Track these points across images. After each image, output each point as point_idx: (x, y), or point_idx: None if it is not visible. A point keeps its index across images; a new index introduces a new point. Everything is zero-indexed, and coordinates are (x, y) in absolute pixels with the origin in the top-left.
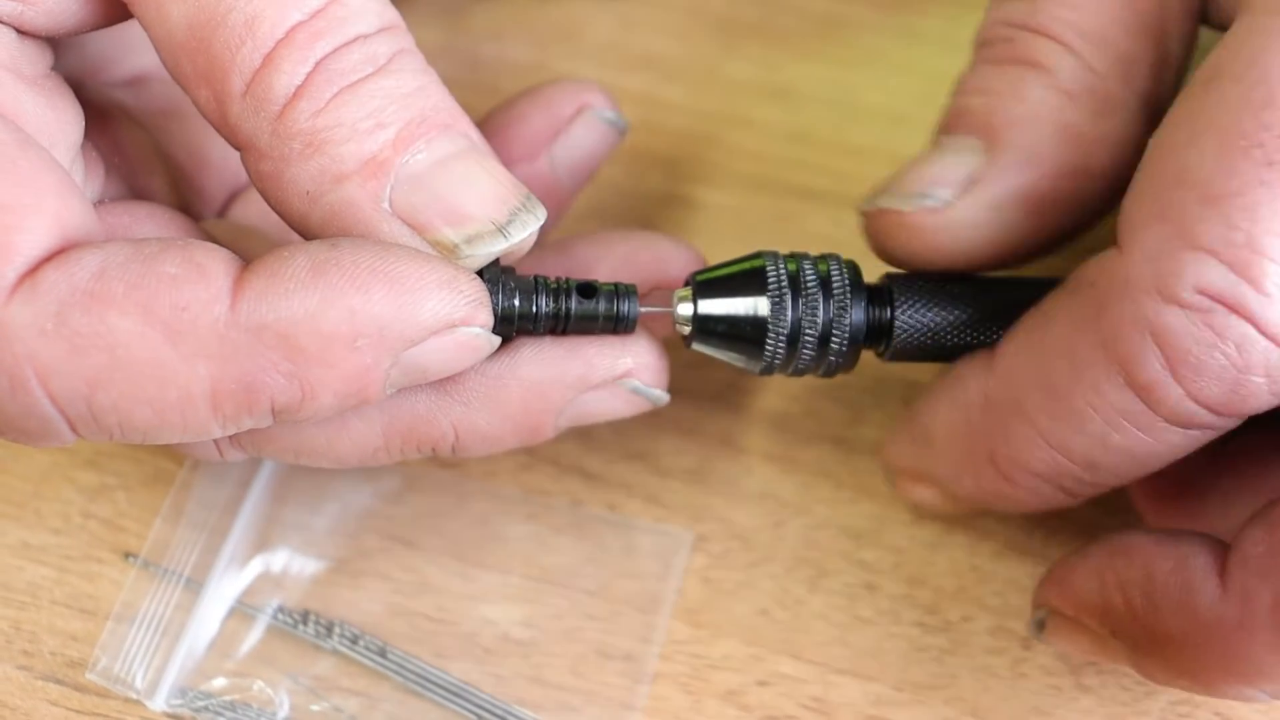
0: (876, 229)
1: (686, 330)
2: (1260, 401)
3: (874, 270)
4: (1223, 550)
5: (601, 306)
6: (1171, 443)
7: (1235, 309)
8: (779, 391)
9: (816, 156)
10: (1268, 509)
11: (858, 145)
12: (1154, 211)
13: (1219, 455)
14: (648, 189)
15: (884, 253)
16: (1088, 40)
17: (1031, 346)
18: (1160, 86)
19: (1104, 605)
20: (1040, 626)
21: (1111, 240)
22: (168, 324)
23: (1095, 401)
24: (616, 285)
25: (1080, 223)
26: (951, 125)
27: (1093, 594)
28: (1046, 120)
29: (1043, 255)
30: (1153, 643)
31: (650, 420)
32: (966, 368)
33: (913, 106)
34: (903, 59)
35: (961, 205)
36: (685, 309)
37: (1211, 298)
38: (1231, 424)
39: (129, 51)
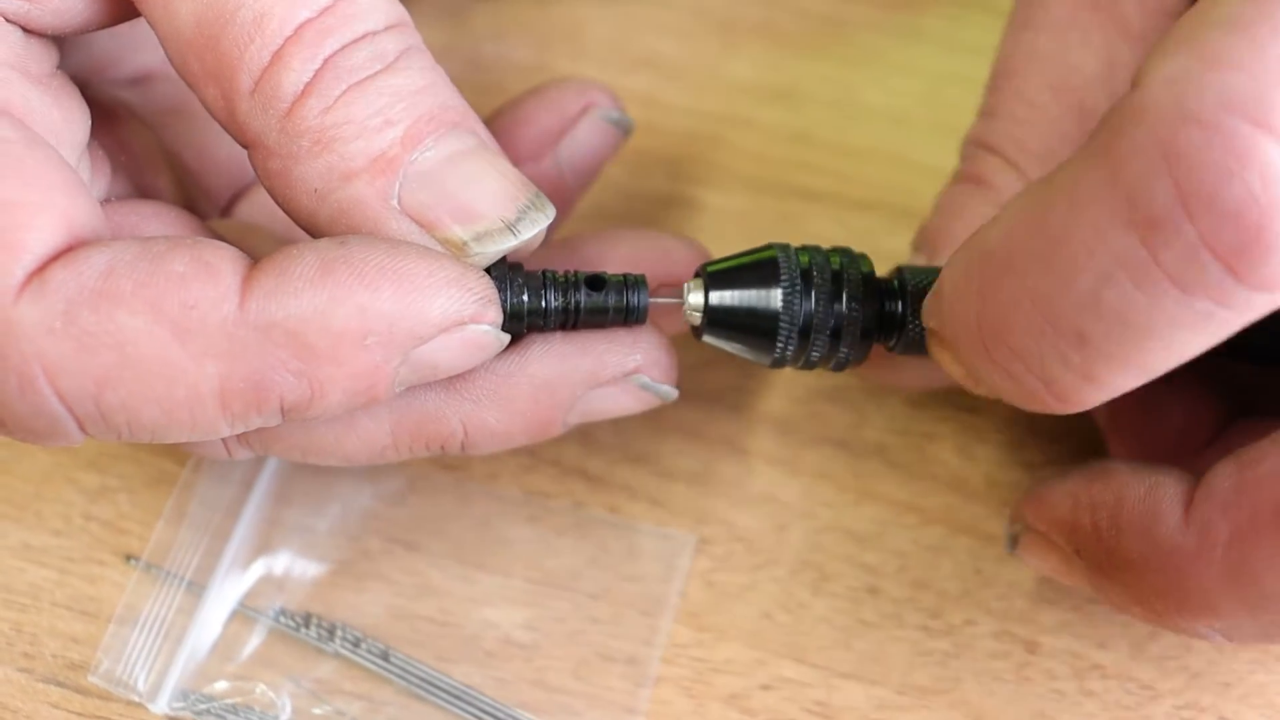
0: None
1: (697, 321)
2: None
3: (883, 265)
4: (1195, 485)
5: (611, 299)
6: (1171, 316)
7: (1263, 125)
8: (782, 394)
9: (818, 157)
10: (1242, 449)
11: (859, 146)
12: (1175, 45)
13: (1199, 425)
14: (650, 190)
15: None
16: (1030, 156)
17: (1038, 191)
18: None
19: (1073, 523)
20: (1014, 541)
21: None
22: (176, 322)
23: (1092, 243)
24: (625, 276)
25: None
26: (916, 243)
27: (1064, 512)
28: None
29: None
30: (1113, 565)
31: (653, 422)
32: (986, 225)
33: (914, 107)
34: (904, 59)
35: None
36: (696, 300)
37: (1236, 113)
38: (1240, 313)
39: (135, 50)
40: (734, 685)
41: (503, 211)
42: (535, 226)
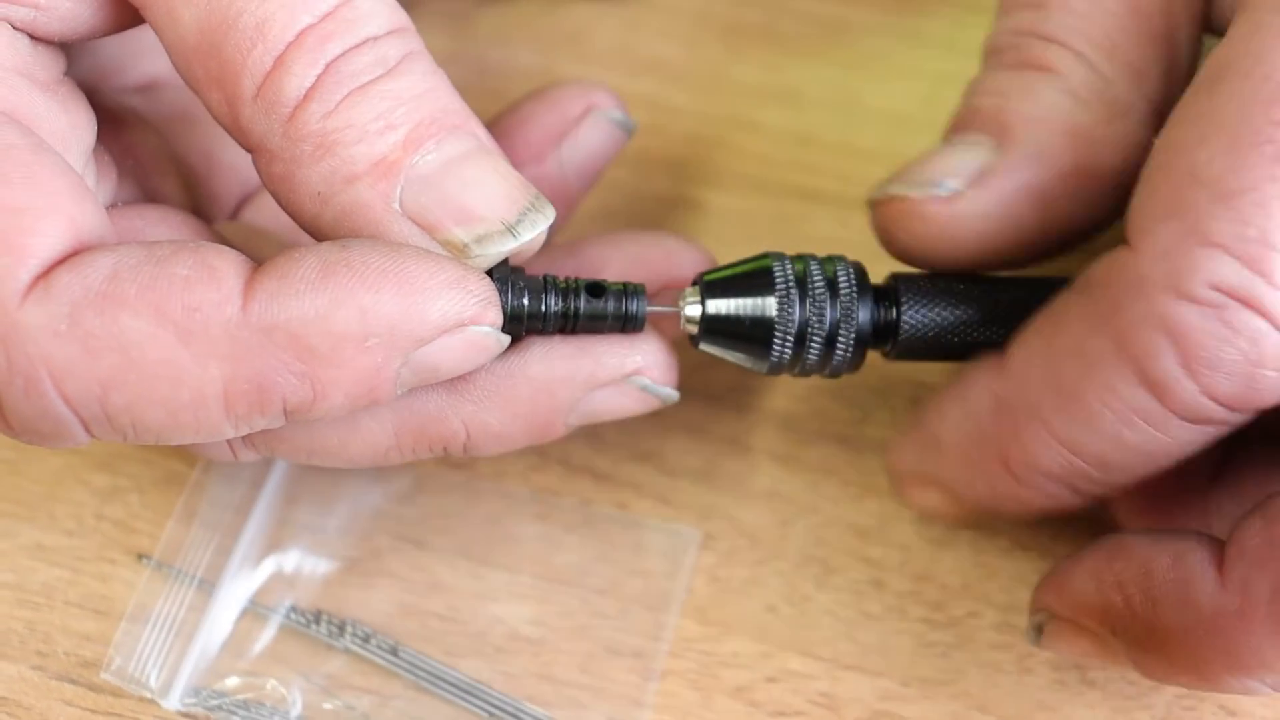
0: (884, 217)
1: (694, 330)
2: (1274, 395)
3: (879, 273)
4: (1218, 545)
5: (610, 305)
6: (1184, 439)
7: (1249, 304)
8: (785, 392)
9: (821, 159)
10: (1265, 502)
11: (862, 147)
12: (1165, 209)
13: (1202, 462)
14: (654, 191)
15: (891, 243)
16: (1097, 47)
17: (1042, 347)
18: (1168, 92)
19: (1103, 605)
20: (1038, 631)
21: (1120, 241)
22: (180, 325)
23: (1109, 400)
24: (625, 285)
25: (1087, 225)
26: (963, 124)
27: (1091, 595)
28: (1058, 120)
29: (1047, 257)
30: (1153, 639)
31: (658, 421)
32: (975, 371)
33: (917, 109)
34: (907, 62)
35: (971, 196)
36: (693, 309)
37: (1225, 293)
38: (1243, 419)
39: (141, 58)
40: (740, 678)
41: (503, 214)
42: (535, 228)
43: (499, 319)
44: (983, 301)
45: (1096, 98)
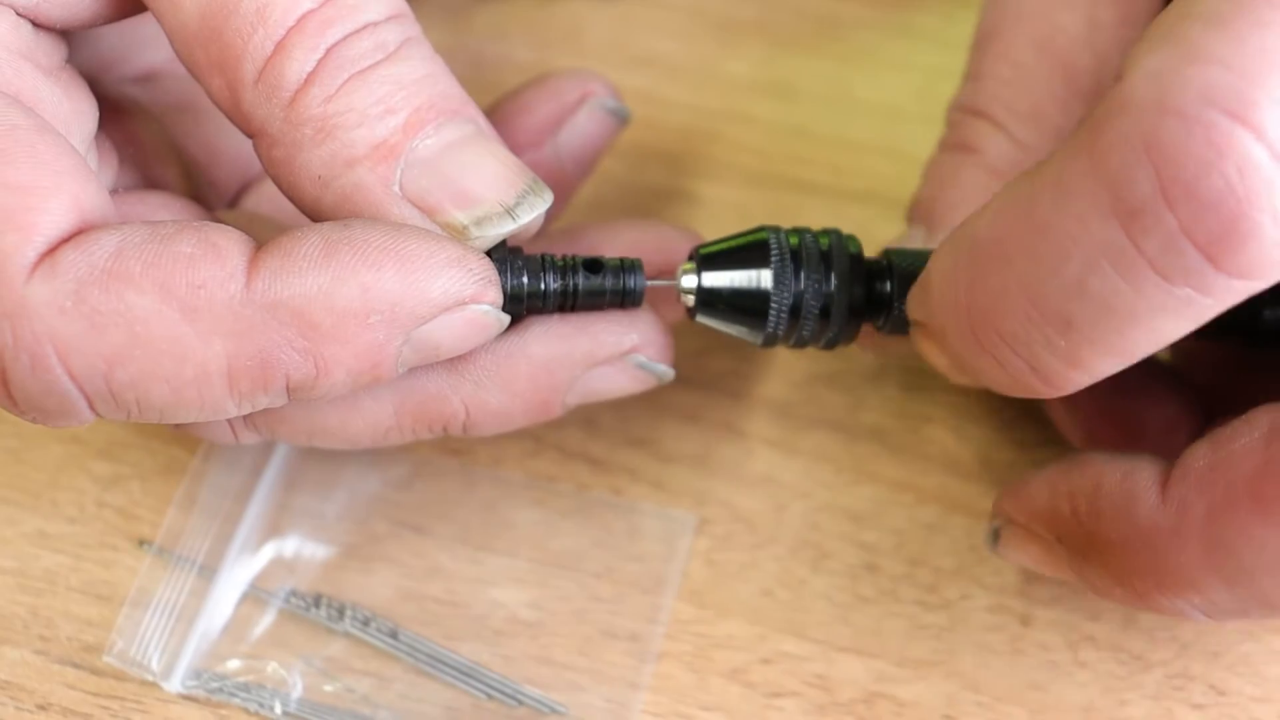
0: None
1: (691, 302)
2: (1259, 255)
3: (873, 247)
4: (1169, 468)
5: (608, 281)
6: (1153, 302)
7: (1241, 119)
8: (780, 378)
9: (815, 151)
10: (1216, 429)
11: (855, 140)
12: (1157, 40)
13: (1175, 419)
14: (649, 184)
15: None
16: (1018, 118)
17: (1024, 183)
18: None
19: (1052, 512)
20: (995, 537)
21: None
22: (184, 301)
23: (1077, 233)
24: (622, 260)
25: None
26: (910, 214)
27: (1043, 502)
28: (974, 201)
29: None
30: (1093, 549)
31: (654, 407)
32: (974, 213)
33: (909, 102)
34: (899, 55)
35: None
36: (689, 281)
37: (1217, 107)
38: (1219, 299)
39: (142, 48)
40: (735, 660)
41: (502, 196)
42: (533, 211)
43: (499, 298)
44: None
45: (1014, 170)
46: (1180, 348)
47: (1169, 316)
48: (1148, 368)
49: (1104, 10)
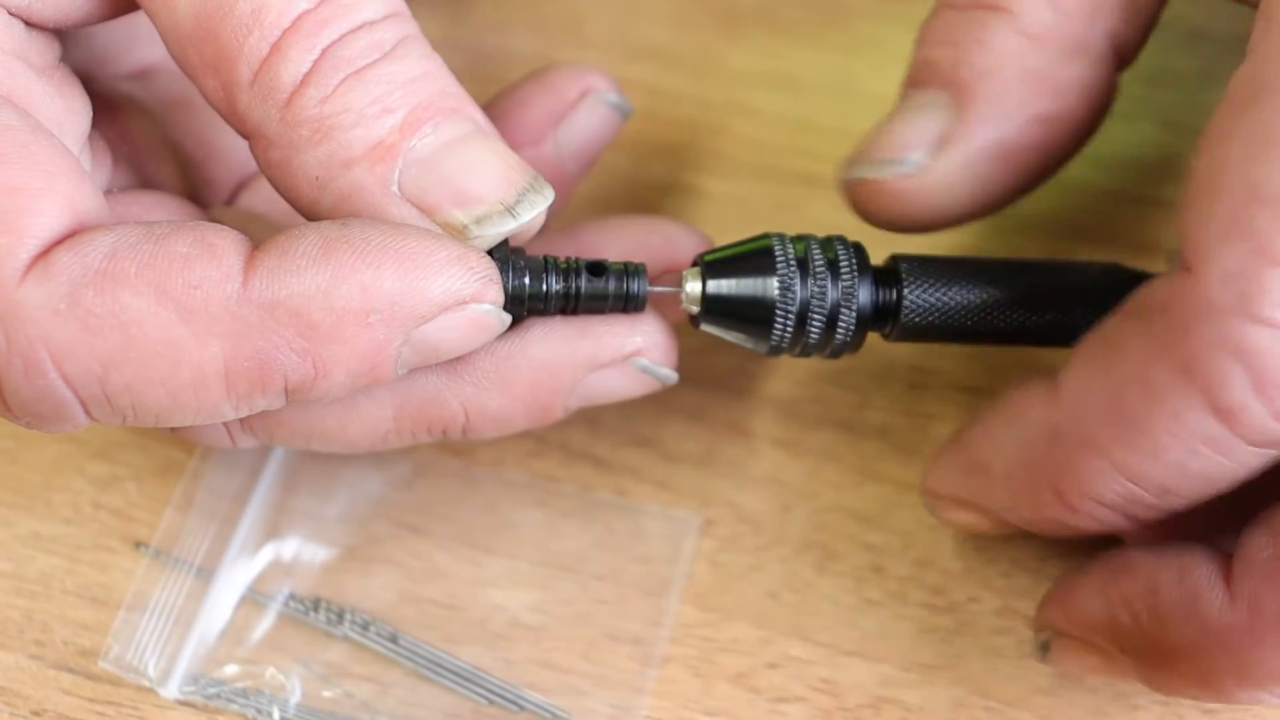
0: (855, 197)
1: (695, 310)
2: None
3: (878, 255)
4: (1222, 559)
5: (611, 285)
6: (1249, 464)
7: None
8: (785, 377)
9: (819, 144)
10: (1271, 513)
11: (860, 132)
12: (1226, 230)
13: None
14: (652, 177)
15: (865, 217)
16: None
17: (1100, 375)
18: (1127, 25)
19: (1110, 623)
20: (1045, 648)
21: (1173, 261)
22: (180, 302)
23: (1175, 429)
24: (626, 264)
25: (1052, 167)
26: (919, 79)
27: (1098, 612)
28: (1013, 68)
29: (1015, 201)
30: (1161, 656)
31: (657, 406)
32: (1025, 397)
33: None
34: (904, 46)
35: (936, 167)
36: (694, 288)
37: None
38: None
39: (136, 44)
40: (740, 664)
41: (501, 195)
42: (534, 209)
43: (500, 297)
44: (983, 284)
45: (1052, 37)
46: None
47: (1257, 467)
48: None
49: None
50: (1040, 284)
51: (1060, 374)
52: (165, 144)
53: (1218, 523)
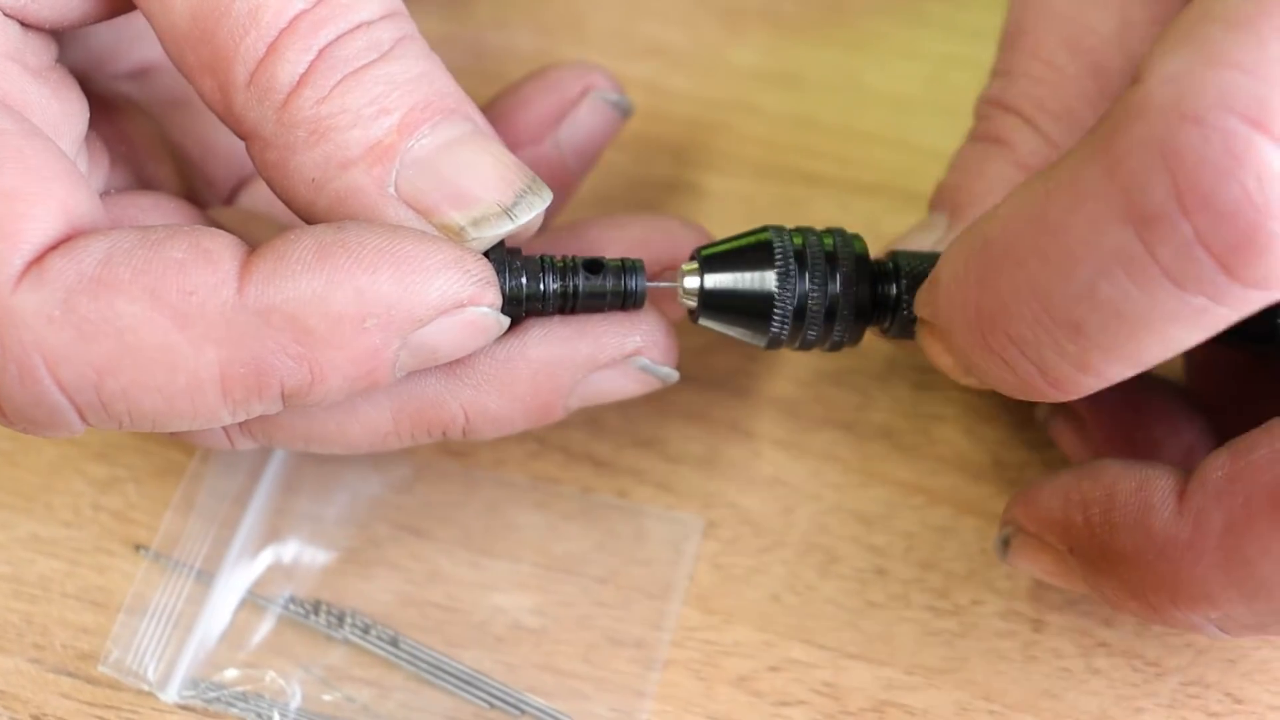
0: None
1: (693, 305)
2: (1276, 264)
3: (878, 248)
4: (1186, 478)
5: (609, 283)
6: (1165, 310)
7: (1261, 126)
8: (788, 377)
9: (822, 142)
10: (1235, 439)
11: (863, 130)
12: (1176, 41)
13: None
14: (655, 176)
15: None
16: (1049, 115)
17: (1038, 183)
18: None
19: (1065, 522)
20: (1005, 544)
21: None
22: (175, 308)
23: (1090, 237)
24: (623, 261)
25: None
26: (933, 202)
27: (1056, 511)
28: (1001, 193)
29: None
30: (1107, 560)
31: (659, 406)
32: (985, 214)
33: (919, 90)
34: (907, 43)
35: None
36: (692, 283)
37: (1237, 114)
38: (1234, 308)
39: (134, 44)
40: (743, 667)
41: (499, 196)
42: (532, 211)
43: (498, 300)
44: None
45: (1044, 166)
46: (1193, 358)
47: (1182, 324)
48: (1162, 390)
49: (1136, 9)
50: None
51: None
52: (163, 144)
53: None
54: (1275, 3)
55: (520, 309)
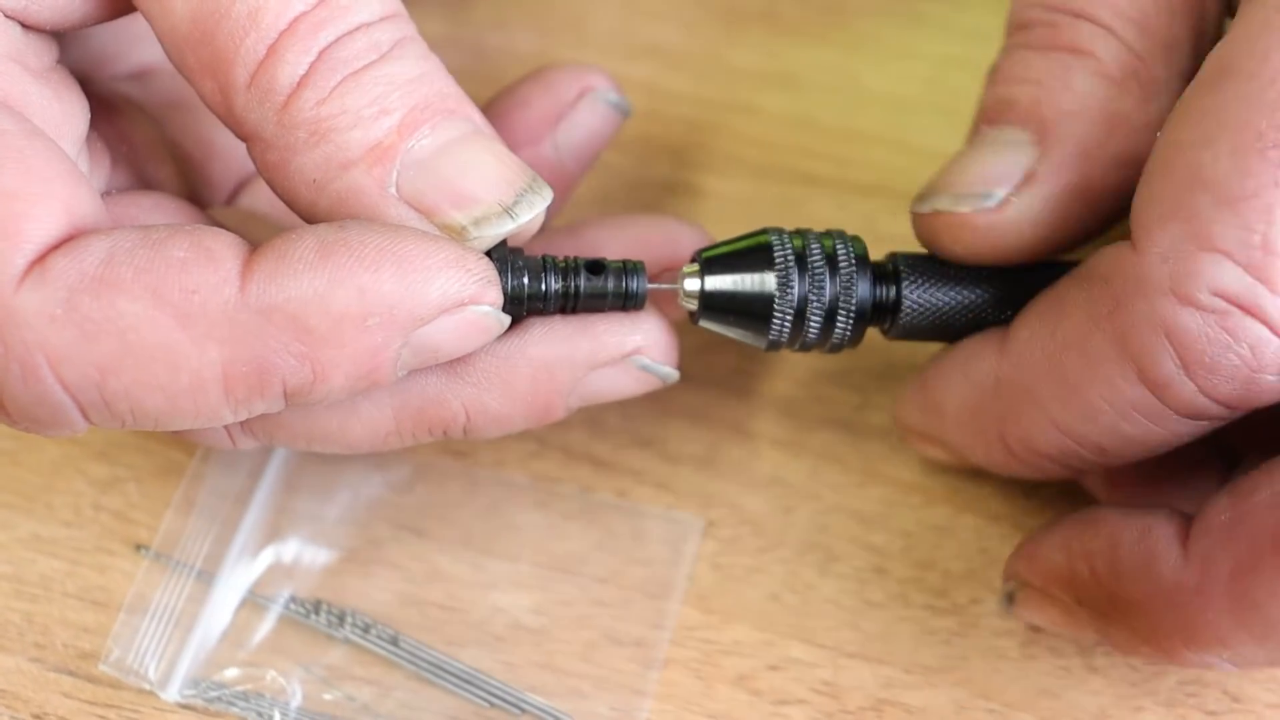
0: (931, 229)
1: (693, 306)
2: (1272, 396)
3: (876, 253)
4: (1187, 522)
5: (610, 283)
6: (1180, 432)
7: (1250, 311)
8: (787, 377)
9: (821, 143)
10: (1236, 481)
11: (862, 130)
12: (1168, 211)
13: (1197, 472)
14: (653, 177)
15: (939, 249)
16: (1129, 23)
17: (1044, 335)
18: (1199, 63)
19: (1070, 574)
20: (1010, 599)
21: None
22: (178, 307)
23: (1108, 395)
24: (624, 262)
25: (1127, 209)
26: (997, 116)
27: (1059, 564)
28: (1096, 110)
29: (1092, 240)
30: (1116, 610)
31: (659, 406)
32: (978, 345)
33: (917, 91)
34: (905, 44)
35: (1018, 203)
36: (692, 285)
37: (1227, 300)
38: (1239, 415)
39: (134, 45)
40: (742, 666)
41: (500, 196)
42: (532, 210)
43: (499, 298)
44: (983, 283)
45: (1132, 78)
46: None
47: (1191, 434)
48: None
49: None
50: (1040, 283)
51: (1011, 326)
52: (164, 144)
53: (1199, 492)
54: (1260, 181)
55: (521, 308)
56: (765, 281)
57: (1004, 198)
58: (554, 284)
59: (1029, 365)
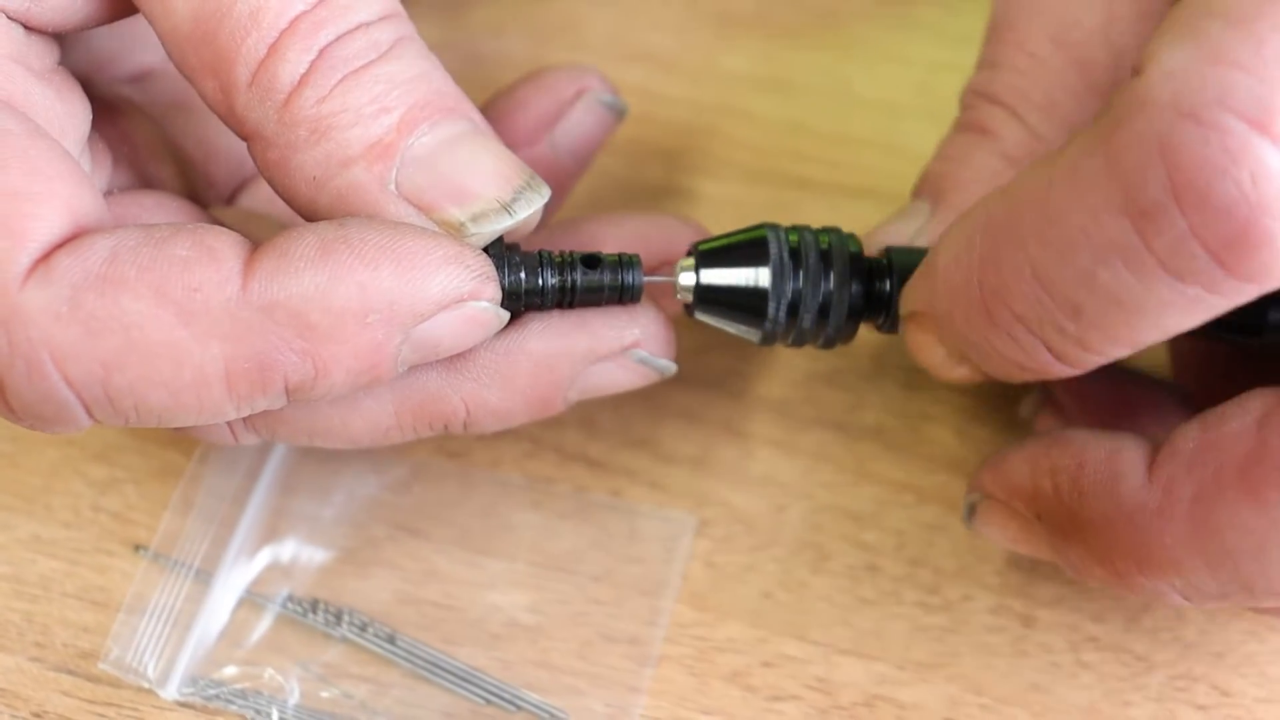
0: None
1: (689, 299)
2: (1270, 261)
3: (872, 246)
4: (1156, 449)
5: (606, 277)
6: (1160, 299)
7: (1259, 126)
8: (780, 378)
9: (813, 147)
10: (1208, 411)
11: (854, 135)
12: (1176, 37)
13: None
14: (647, 180)
15: None
16: (1034, 106)
17: (1043, 170)
18: None
19: (1034, 489)
20: (972, 511)
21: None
22: (180, 305)
23: (1089, 227)
24: (620, 256)
25: None
26: (917, 189)
27: (1024, 478)
28: (986, 183)
29: None
30: (1075, 528)
31: (652, 407)
32: (986, 197)
33: (907, 96)
34: (898, 49)
35: None
36: (688, 278)
37: (1234, 113)
38: (1227, 299)
39: (135, 47)
40: (736, 663)
41: (498, 192)
42: (531, 207)
43: (497, 294)
44: None
45: (1028, 158)
46: (1178, 352)
47: (1175, 312)
48: (1147, 384)
49: (1122, 4)
50: None
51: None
52: (165, 145)
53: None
54: (1273, 2)
55: (519, 303)
56: (760, 275)
57: None
58: (551, 279)
59: (1020, 200)
